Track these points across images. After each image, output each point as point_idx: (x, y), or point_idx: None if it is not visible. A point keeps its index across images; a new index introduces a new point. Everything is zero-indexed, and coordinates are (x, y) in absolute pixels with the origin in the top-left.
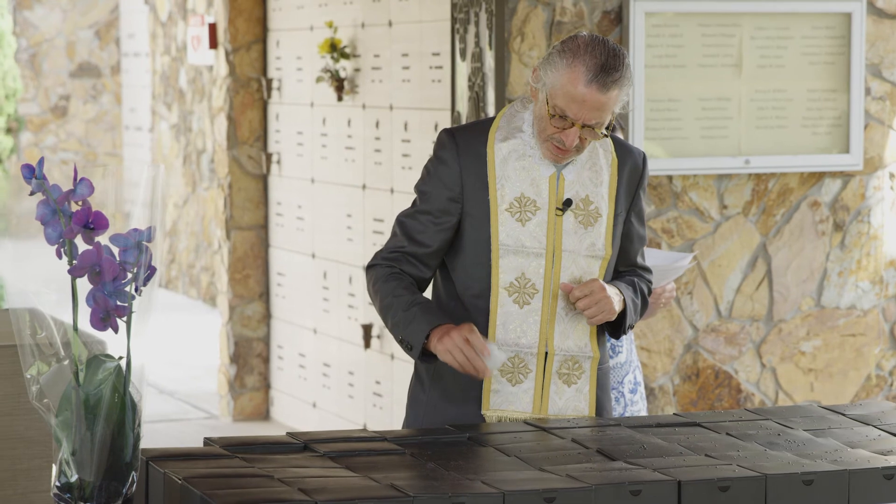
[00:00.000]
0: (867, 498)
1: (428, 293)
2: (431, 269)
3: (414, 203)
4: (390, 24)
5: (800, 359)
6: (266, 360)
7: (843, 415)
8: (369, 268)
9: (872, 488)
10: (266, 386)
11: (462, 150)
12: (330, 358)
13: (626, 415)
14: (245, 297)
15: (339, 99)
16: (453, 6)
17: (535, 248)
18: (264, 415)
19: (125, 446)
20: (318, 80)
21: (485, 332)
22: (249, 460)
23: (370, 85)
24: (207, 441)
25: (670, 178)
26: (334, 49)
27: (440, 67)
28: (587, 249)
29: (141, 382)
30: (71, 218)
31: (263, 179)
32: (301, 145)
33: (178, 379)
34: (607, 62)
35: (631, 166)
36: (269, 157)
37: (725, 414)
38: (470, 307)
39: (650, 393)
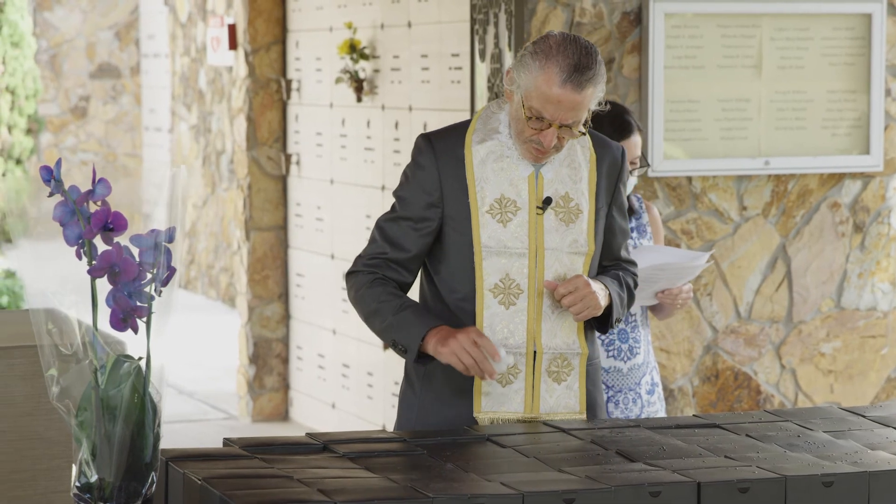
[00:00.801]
0: (887, 500)
1: (414, 296)
2: (413, 274)
3: (393, 208)
4: (410, 24)
5: (819, 360)
6: (285, 360)
7: (864, 416)
8: (350, 274)
9: (893, 490)
10: (285, 386)
11: (440, 154)
12: (349, 359)
13: (644, 416)
14: (264, 298)
15: (359, 100)
16: (473, 7)
17: (517, 249)
18: (283, 415)
19: (145, 447)
20: (338, 80)
21: None
22: (269, 461)
23: (389, 86)
24: (227, 441)
25: (689, 179)
26: (353, 50)
27: (459, 68)
28: (570, 246)
29: (160, 383)
30: (90, 219)
31: (283, 180)
32: (320, 146)
33: (197, 379)
34: (580, 61)
35: (610, 161)
36: (288, 157)
37: (745, 415)
38: (455, 310)
39: (669, 394)
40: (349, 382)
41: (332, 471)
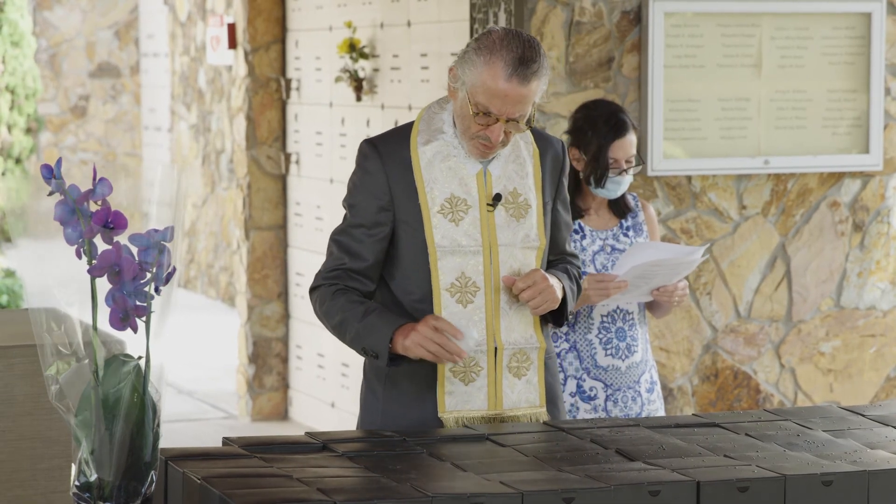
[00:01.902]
0: (887, 499)
1: None
2: (374, 282)
3: (345, 218)
4: (409, 24)
5: (819, 359)
6: (285, 360)
7: (863, 415)
8: (312, 290)
9: (892, 489)
10: (285, 386)
11: (386, 158)
12: (348, 358)
13: (643, 414)
14: (264, 298)
15: (358, 99)
16: (472, 6)
17: (471, 246)
18: (283, 415)
19: (144, 446)
20: (337, 80)
21: None
22: (268, 460)
23: (389, 85)
24: (226, 441)
25: (689, 178)
26: (353, 49)
27: None
28: (522, 241)
29: (160, 382)
30: (90, 218)
31: (282, 179)
32: (320, 145)
33: (197, 379)
34: (524, 54)
35: (552, 155)
36: (287, 157)
37: (744, 414)
38: (413, 312)
39: (669, 393)
40: (348, 382)
41: (332, 470)
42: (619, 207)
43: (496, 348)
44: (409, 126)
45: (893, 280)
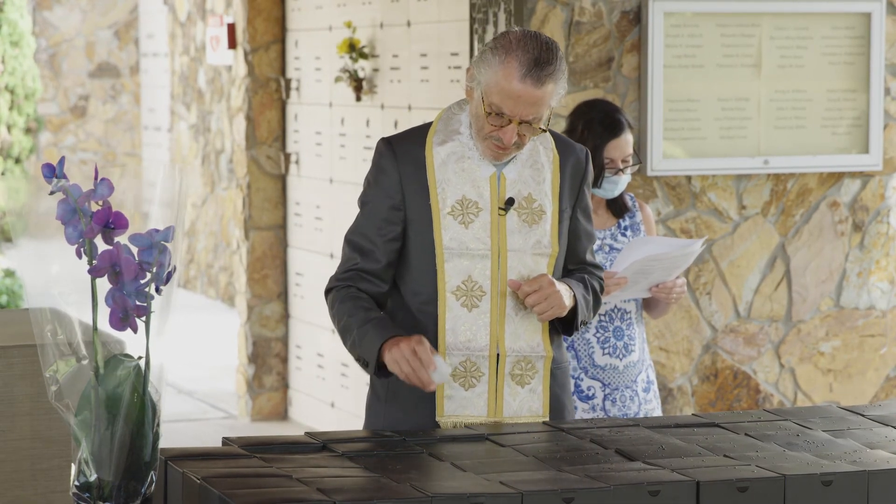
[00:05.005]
0: (887, 499)
1: None
2: (387, 283)
3: (357, 218)
4: (409, 24)
5: (819, 359)
6: (284, 360)
7: (863, 415)
8: (327, 293)
9: (892, 489)
10: (284, 386)
11: (400, 157)
12: (348, 358)
13: (640, 414)
14: (263, 297)
15: (358, 99)
16: (472, 6)
17: (479, 250)
18: (282, 415)
19: (144, 446)
20: (337, 80)
21: (435, 337)
22: (268, 460)
23: (389, 85)
24: (226, 441)
25: (689, 178)
26: (353, 49)
27: (459, 67)
28: (533, 247)
29: (160, 382)
30: (91, 218)
31: (282, 179)
32: (320, 145)
33: (196, 379)
34: (540, 56)
35: (573, 163)
36: (287, 157)
37: (744, 414)
38: (418, 314)
39: (668, 393)
40: (348, 382)
41: (331, 470)
42: (617, 207)
43: (498, 355)
44: (428, 126)
45: (893, 280)
